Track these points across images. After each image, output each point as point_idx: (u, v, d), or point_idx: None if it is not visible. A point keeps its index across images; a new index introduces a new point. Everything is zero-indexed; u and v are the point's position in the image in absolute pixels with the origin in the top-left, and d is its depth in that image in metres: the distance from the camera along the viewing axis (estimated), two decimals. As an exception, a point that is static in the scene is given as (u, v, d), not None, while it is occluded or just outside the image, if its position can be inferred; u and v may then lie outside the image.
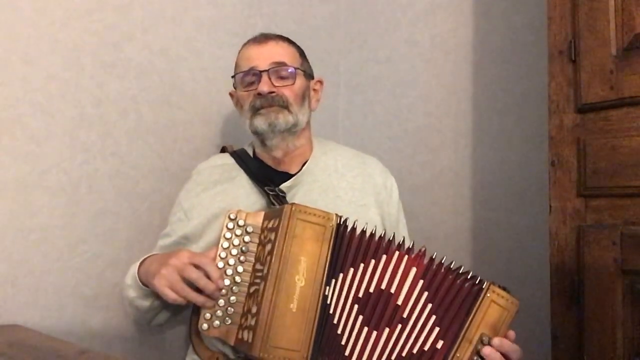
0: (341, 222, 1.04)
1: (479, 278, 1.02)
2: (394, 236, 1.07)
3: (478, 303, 1.00)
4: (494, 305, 1.00)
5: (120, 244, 1.44)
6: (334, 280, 1.03)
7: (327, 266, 1.01)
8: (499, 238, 1.61)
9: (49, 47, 1.34)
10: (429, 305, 1.02)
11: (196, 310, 1.09)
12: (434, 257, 1.04)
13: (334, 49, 2.00)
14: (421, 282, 1.03)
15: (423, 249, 1.05)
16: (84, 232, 1.39)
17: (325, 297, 1.01)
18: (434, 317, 1.01)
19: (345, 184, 1.26)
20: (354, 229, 1.05)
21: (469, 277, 1.03)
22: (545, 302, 1.19)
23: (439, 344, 1.00)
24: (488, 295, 1.00)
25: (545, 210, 1.19)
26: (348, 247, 1.04)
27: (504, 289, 1.02)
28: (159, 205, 1.50)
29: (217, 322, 1.02)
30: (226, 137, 1.65)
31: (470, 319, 1.00)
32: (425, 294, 1.02)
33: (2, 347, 1.08)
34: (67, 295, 1.36)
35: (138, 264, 1.17)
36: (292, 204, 1.04)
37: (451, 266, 1.04)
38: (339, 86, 2.02)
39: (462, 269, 1.04)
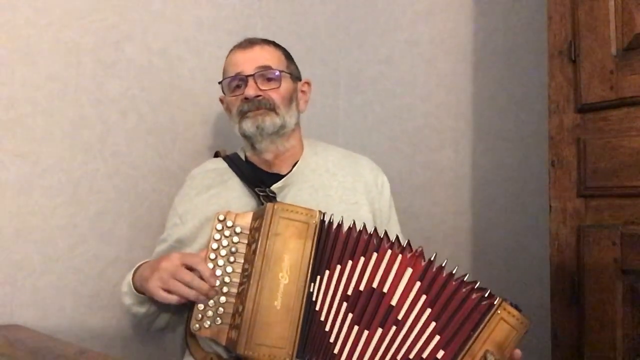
0: (325, 219, 1.04)
1: (488, 291, 0.99)
2: (385, 233, 1.05)
3: (487, 319, 0.96)
4: (502, 323, 0.97)
5: (120, 244, 1.45)
6: (319, 277, 1.02)
7: (311, 263, 1.01)
8: (499, 238, 1.61)
9: (49, 47, 1.34)
10: (428, 310, 0.99)
11: (190, 311, 1.09)
12: (432, 259, 1.02)
13: (334, 49, 2.00)
14: (418, 283, 1.01)
15: (419, 249, 1.03)
16: (84, 232, 1.39)
17: (310, 294, 1.01)
18: (433, 323, 0.99)
19: (336, 183, 1.26)
20: (339, 225, 1.05)
21: (476, 287, 0.99)
22: (545, 302, 1.19)
23: (440, 354, 0.97)
24: (498, 312, 0.96)
25: (545, 210, 1.19)
26: (334, 243, 1.04)
27: (516, 307, 0.98)
28: (159, 205, 1.50)
29: (207, 323, 1.03)
30: (226, 137, 1.65)
31: (476, 334, 0.96)
32: (424, 297, 1.00)
33: (2, 347, 1.08)
34: (67, 295, 1.36)
35: (133, 271, 1.18)
36: (275, 202, 1.04)
37: (454, 272, 1.01)
38: (339, 86, 2.02)
39: (467, 277, 1.01)
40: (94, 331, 1.40)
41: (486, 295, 0.98)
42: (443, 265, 1.01)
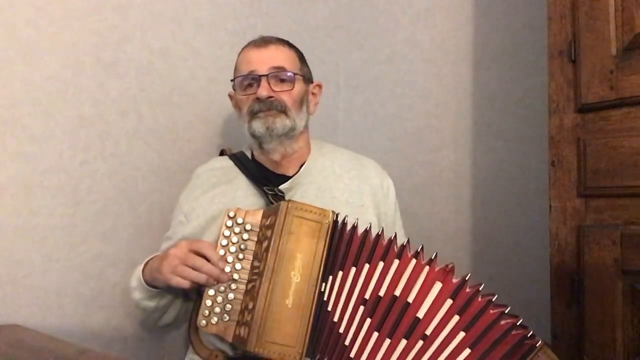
0: (338, 220, 1.04)
1: (531, 332, 0.95)
2: (408, 241, 1.03)
3: None
4: None
5: (120, 244, 1.44)
6: (331, 277, 1.02)
7: (322, 263, 1.01)
8: (499, 238, 1.61)
9: (49, 47, 1.34)
10: (462, 333, 0.96)
11: (195, 308, 1.09)
12: (467, 278, 0.98)
13: (334, 49, 2.00)
14: (450, 301, 0.97)
15: (451, 265, 1.00)
16: (84, 232, 1.39)
17: (321, 293, 1.01)
18: (468, 350, 0.95)
19: (342, 185, 1.26)
20: (354, 227, 1.05)
21: (518, 323, 0.95)
22: (545, 302, 1.19)
23: None
24: (539, 355, 0.94)
25: (545, 210, 1.19)
26: (348, 245, 1.04)
27: (550, 347, 0.96)
28: (159, 205, 1.50)
29: (215, 319, 1.03)
30: (226, 137, 1.65)
31: None
32: (456, 317, 0.97)
33: (2, 347, 1.08)
34: (67, 295, 1.36)
35: (142, 265, 1.18)
36: (289, 200, 1.04)
37: (493, 299, 0.97)
38: (339, 86, 2.02)
39: (508, 309, 0.96)
40: (94, 331, 1.40)
41: (528, 335, 0.95)
42: (480, 288, 0.98)
